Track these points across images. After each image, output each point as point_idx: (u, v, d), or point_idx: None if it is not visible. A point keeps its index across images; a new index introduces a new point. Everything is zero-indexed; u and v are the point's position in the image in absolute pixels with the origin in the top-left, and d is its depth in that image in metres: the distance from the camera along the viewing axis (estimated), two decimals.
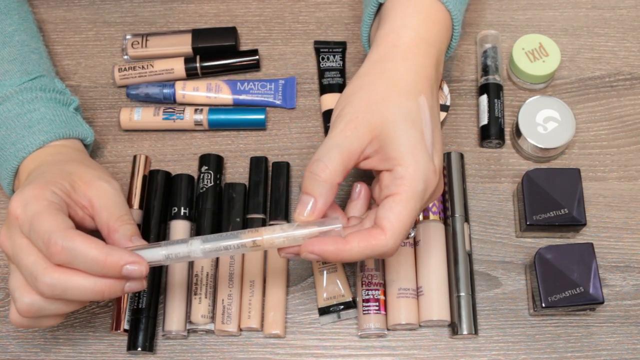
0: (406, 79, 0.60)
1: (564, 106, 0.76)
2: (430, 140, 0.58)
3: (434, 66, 0.62)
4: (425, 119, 0.59)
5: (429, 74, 0.61)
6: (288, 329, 0.72)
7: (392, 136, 0.57)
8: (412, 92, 0.59)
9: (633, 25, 0.83)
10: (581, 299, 0.68)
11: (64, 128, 0.68)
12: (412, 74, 0.60)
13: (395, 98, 0.59)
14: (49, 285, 0.56)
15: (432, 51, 0.62)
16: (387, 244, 0.56)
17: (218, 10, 0.84)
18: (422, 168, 0.57)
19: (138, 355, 0.71)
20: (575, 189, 0.72)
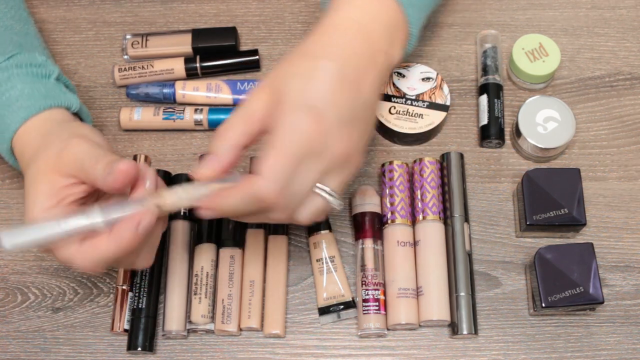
0: (314, 46, 0.60)
1: (564, 106, 0.76)
2: (324, 94, 0.57)
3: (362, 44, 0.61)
4: (322, 78, 0.58)
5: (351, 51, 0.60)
6: (288, 329, 0.72)
7: (281, 92, 0.57)
8: (315, 56, 0.59)
9: (633, 25, 0.83)
10: (581, 299, 0.68)
11: (44, 100, 0.66)
12: (321, 43, 0.60)
13: (295, 60, 0.59)
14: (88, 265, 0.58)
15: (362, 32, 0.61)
16: (267, 187, 0.55)
17: (218, 10, 0.84)
18: (297, 116, 0.56)
19: (138, 355, 0.71)
20: (575, 189, 0.72)
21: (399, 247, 0.71)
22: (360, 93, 0.59)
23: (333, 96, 0.57)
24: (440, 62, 0.81)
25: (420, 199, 0.73)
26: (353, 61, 0.60)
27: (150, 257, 0.63)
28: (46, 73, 0.69)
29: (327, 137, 0.57)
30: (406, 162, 0.75)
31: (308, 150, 0.56)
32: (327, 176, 0.58)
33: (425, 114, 0.76)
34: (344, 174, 0.59)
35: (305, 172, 0.56)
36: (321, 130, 0.56)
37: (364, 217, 0.72)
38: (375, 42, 0.62)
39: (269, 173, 0.55)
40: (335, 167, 0.58)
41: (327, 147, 0.57)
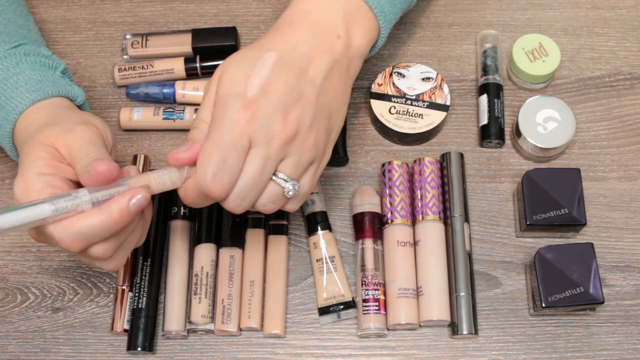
0: (264, 40, 0.62)
1: (564, 106, 0.76)
2: (257, 82, 0.58)
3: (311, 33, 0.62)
4: (260, 67, 0.59)
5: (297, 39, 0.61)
6: (288, 329, 0.72)
7: (220, 81, 0.59)
8: (261, 48, 0.60)
9: (633, 25, 0.83)
10: (581, 299, 0.68)
11: (53, 87, 0.67)
12: (271, 37, 0.62)
13: (244, 51, 0.61)
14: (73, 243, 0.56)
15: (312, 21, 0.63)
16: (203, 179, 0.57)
17: (218, 10, 0.84)
18: (228, 107, 0.57)
19: (138, 355, 0.71)
20: (575, 189, 0.72)
21: (399, 247, 0.71)
22: (306, 76, 0.60)
23: (270, 83, 0.58)
24: (440, 62, 0.81)
25: (420, 199, 0.73)
26: (299, 48, 0.60)
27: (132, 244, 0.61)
28: (53, 64, 0.69)
29: (266, 123, 0.57)
30: (406, 162, 0.75)
31: (247, 139, 0.57)
32: (282, 163, 0.59)
33: (425, 114, 0.76)
34: (299, 158, 0.59)
35: (251, 161, 0.57)
36: (256, 116, 0.57)
37: (364, 217, 0.72)
38: (327, 28, 0.63)
39: (206, 165, 0.57)
40: (286, 152, 0.58)
41: (269, 133, 0.57)
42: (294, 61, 0.60)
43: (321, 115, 0.60)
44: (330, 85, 0.61)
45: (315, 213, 0.73)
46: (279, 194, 0.59)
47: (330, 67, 0.61)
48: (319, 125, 0.60)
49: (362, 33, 0.65)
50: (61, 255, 0.74)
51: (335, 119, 0.63)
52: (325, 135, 0.61)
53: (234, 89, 0.58)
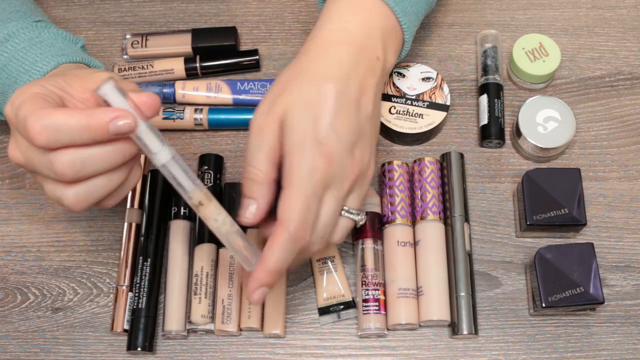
0: (314, 65, 0.61)
1: (564, 106, 0.76)
2: (328, 125, 0.58)
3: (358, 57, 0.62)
4: (325, 106, 0.58)
5: (349, 66, 0.61)
6: (288, 329, 0.72)
7: (288, 125, 0.58)
8: (317, 79, 0.60)
9: (633, 25, 0.83)
10: (581, 299, 0.68)
11: (76, 55, 0.67)
12: (322, 63, 0.61)
13: (297, 85, 0.60)
14: (67, 163, 0.53)
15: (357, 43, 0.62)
16: (289, 234, 0.57)
17: (218, 10, 0.84)
18: (306, 155, 0.57)
19: (138, 355, 0.71)
20: (575, 189, 0.72)
21: (399, 247, 0.71)
22: (362, 109, 0.61)
23: (338, 124, 0.58)
24: (440, 62, 0.81)
25: (420, 198, 0.73)
26: (353, 78, 0.61)
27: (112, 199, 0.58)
28: (73, 39, 0.70)
29: (340, 166, 0.58)
30: (406, 162, 0.75)
31: (324, 184, 0.58)
32: (348, 198, 0.60)
33: (426, 113, 0.76)
34: (362, 190, 0.61)
35: (327, 204, 0.58)
36: (333, 162, 0.58)
37: None
38: (370, 50, 0.63)
39: (288, 220, 0.57)
40: (353, 188, 0.60)
41: (342, 175, 0.58)
42: (351, 94, 0.60)
43: (374, 144, 0.62)
44: (376, 111, 0.63)
45: None
46: (351, 226, 0.62)
47: (375, 93, 0.62)
48: (374, 155, 0.62)
49: (394, 51, 0.66)
50: (61, 256, 0.74)
51: (377, 137, 0.65)
52: (375, 159, 0.63)
53: (307, 134, 0.58)
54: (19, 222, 0.76)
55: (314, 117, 0.58)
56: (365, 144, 0.61)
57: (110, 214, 0.76)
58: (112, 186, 0.56)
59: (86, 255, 0.74)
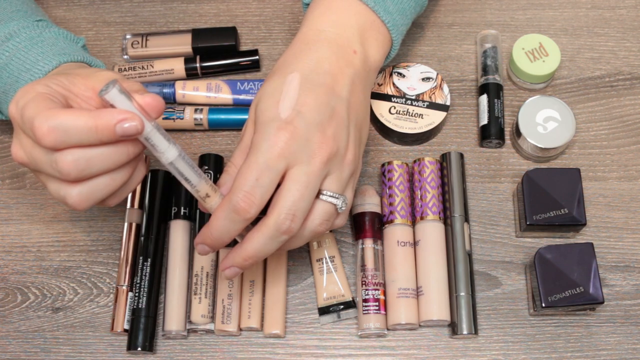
0: (284, 62, 0.62)
1: (564, 106, 0.76)
2: (290, 105, 0.58)
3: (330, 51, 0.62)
4: (288, 89, 0.59)
5: (318, 57, 0.62)
6: (288, 329, 0.72)
7: (257, 116, 0.60)
8: (284, 71, 0.61)
9: (633, 25, 0.83)
10: (581, 298, 0.68)
11: (77, 54, 0.67)
12: (290, 59, 0.62)
13: (268, 80, 0.61)
14: (72, 163, 0.53)
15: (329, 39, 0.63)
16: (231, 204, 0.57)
17: (218, 10, 0.84)
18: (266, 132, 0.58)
19: (138, 355, 0.71)
20: (575, 189, 0.72)
21: (399, 247, 0.71)
22: (334, 93, 0.60)
23: (302, 104, 0.59)
24: (440, 62, 0.81)
25: (420, 198, 0.73)
26: (321, 66, 0.61)
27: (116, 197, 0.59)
28: (74, 39, 0.70)
29: (305, 141, 0.58)
30: (406, 162, 0.75)
31: (285, 159, 0.57)
32: (325, 181, 0.59)
33: (425, 113, 0.76)
34: (341, 173, 0.60)
35: (295, 177, 0.57)
36: (295, 136, 0.57)
37: (364, 217, 0.72)
38: (343, 45, 0.63)
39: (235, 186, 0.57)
40: (329, 169, 0.59)
41: (309, 150, 0.58)
42: (319, 79, 0.60)
43: (354, 129, 0.61)
44: (355, 99, 0.62)
45: None
46: (331, 211, 0.60)
47: (352, 82, 0.62)
48: (354, 139, 0.61)
49: (377, 46, 0.66)
50: (61, 255, 0.74)
51: (363, 131, 0.64)
52: (359, 148, 0.62)
53: (268, 115, 0.58)
54: (19, 222, 0.76)
55: (275, 102, 0.59)
56: (341, 125, 0.60)
57: (110, 214, 0.76)
58: (115, 185, 0.57)
59: (86, 255, 0.74)
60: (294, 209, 0.57)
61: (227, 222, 0.58)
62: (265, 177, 0.57)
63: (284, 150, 0.57)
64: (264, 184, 0.57)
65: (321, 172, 0.58)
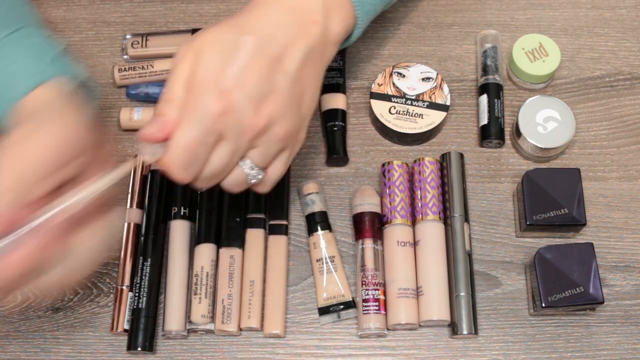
0: (241, 19, 0.60)
1: (564, 106, 0.76)
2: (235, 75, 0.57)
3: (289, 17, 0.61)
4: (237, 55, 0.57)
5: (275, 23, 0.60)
6: (288, 329, 0.72)
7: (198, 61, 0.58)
8: (239, 29, 0.59)
9: (633, 25, 0.83)
10: (581, 299, 0.68)
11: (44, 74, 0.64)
12: (248, 17, 0.60)
13: (218, 27, 0.59)
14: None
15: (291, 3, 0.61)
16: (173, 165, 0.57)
17: (218, 10, 0.84)
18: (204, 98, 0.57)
19: (138, 355, 0.71)
20: (575, 189, 0.72)
21: (399, 247, 0.71)
22: (281, 66, 0.59)
23: (246, 76, 0.57)
24: (440, 62, 0.81)
25: (420, 198, 0.73)
26: (278, 34, 0.59)
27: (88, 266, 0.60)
28: (49, 48, 0.67)
29: (238, 118, 0.57)
30: (406, 162, 0.75)
31: (217, 133, 0.57)
32: (250, 152, 0.59)
33: (425, 113, 0.76)
34: (268, 148, 0.60)
35: (219, 154, 0.58)
36: (230, 112, 0.57)
37: (364, 217, 0.72)
38: (305, 14, 0.61)
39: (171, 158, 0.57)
40: (255, 143, 0.59)
41: (240, 128, 0.57)
42: (271, 49, 0.59)
43: (293, 105, 0.60)
44: (304, 72, 0.60)
45: (315, 213, 0.73)
46: (242, 179, 0.60)
47: (305, 55, 0.60)
48: (290, 116, 0.60)
49: (339, 20, 0.64)
50: None
51: (308, 105, 0.62)
52: (297, 123, 0.61)
53: (210, 76, 0.57)
54: None
55: (223, 63, 0.57)
56: (278, 102, 0.58)
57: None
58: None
59: None
60: (210, 178, 0.59)
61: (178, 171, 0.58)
62: (201, 152, 0.57)
63: (217, 124, 0.57)
64: (199, 158, 0.57)
65: (245, 148, 0.59)
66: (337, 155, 0.76)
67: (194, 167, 0.57)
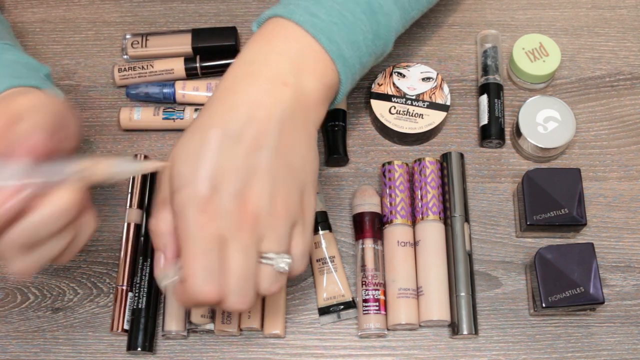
0: (204, 116, 0.57)
1: (564, 106, 0.76)
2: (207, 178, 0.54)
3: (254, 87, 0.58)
4: (205, 155, 0.55)
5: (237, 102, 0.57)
6: (288, 329, 0.72)
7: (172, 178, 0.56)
8: (204, 125, 0.57)
9: (633, 25, 0.83)
10: (581, 299, 0.68)
11: (33, 80, 0.63)
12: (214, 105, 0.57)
13: (186, 134, 0.57)
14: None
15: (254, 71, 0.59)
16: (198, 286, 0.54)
17: (218, 10, 0.84)
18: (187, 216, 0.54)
19: (138, 355, 0.71)
20: (575, 189, 0.72)
21: (399, 247, 0.71)
22: (257, 147, 0.55)
23: (220, 170, 0.55)
24: (440, 62, 0.81)
25: (420, 199, 0.73)
26: (245, 114, 0.56)
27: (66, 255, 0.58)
28: (38, 67, 0.67)
29: (226, 218, 0.54)
30: (406, 162, 0.75)
31: (218, 239, 0.54)
32: (262, 243, 0.55)
33: (426, 113, 0.76)
34: (277, 232, 0.55)
35: (233, 258, 0.54)
36: (216, 217, 0.54)
37: (364, 217, 0.72)
38: (271, 78, 0.58)
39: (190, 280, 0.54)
40: (261, 233, 0.55)
41: (233, 226, 0.54)
42: (241, 133, 0.55)
43: (282, 178, 0.56)
44: (286, 140, 0.57)
45: (315, 213, 0.73)
46: (273, 273, 0.56)
47: (280, 122, 0.56)
48: (284, 190, 0.56)
49: (314, 78, 0.60)
50: None
51: (305, 171, 0.58)
52: (295, 192, 0.57)
53: (186, 189, 0.55)
54: None
55: (192, 168, 0.55)
56: (263, 183, 0.55)
57: (110, 214, 0.76)
58: (61, 247, 0.56)
59: (86, 255, 0.74)
60: (241, 288, 0.54)
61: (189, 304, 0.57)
62: (213, 260, 0.54)
63: (211, 230, 0.54)
64: (214, 267, 0.54)
65: (254, 240, 0.54)
66: (337, 155, 0.76)
67: (217, 278, 0.54)
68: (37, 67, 0.67)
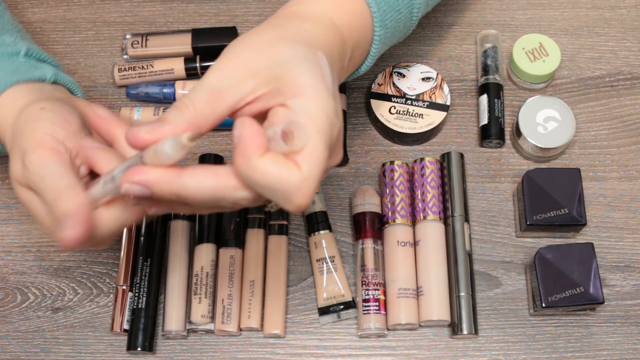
0: (305, 34, 0.55)
1: (564, 106, 0.76)
2: (332, 88, 0.51)
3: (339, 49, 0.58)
4: (325, 68, 0.52)
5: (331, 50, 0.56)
6: (288, 329, 0.72)
7: (289, 72, 0.50)
8: (310, 44, 0.53)
9: (633, 25, 0.83)
10: (581, 299, 0.68)
11: (12, 76, 0.62)
12: (309, 33, 0.55)
13: (290, 43, 0.53)
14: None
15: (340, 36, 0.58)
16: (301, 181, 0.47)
17: (218, 10, 0.84)
18: (325, 103, 0.50)
19: (138, 355, 0.71)
20: (575, 189, 0.72)
21: (399, 247, 0.71)
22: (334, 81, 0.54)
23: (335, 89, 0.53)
24: (440, 62, 0.81)
25: (420, 198, 0.73)
26: (333, 61, 0.56)
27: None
28: (14, 51, 0.65)
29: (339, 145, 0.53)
30: (406, 162, 0.75)
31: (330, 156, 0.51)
32: None
33: (426, 113, 0.76)
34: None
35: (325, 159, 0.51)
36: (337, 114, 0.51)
37: (364, 217, 0.72)
38: (346, 46, 0.59)
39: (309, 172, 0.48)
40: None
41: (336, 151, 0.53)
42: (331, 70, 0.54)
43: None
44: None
45: (315, 213, 0.73)
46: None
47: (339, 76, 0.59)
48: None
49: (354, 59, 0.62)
50: (61, 256, 0.74)
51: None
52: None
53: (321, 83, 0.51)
54: (19, 222, 0.76)
55: (321, 73, 0.51)
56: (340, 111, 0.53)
57: None
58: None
59: (86, 255, 0.74)
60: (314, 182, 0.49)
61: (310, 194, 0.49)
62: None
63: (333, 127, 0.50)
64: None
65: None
66: None
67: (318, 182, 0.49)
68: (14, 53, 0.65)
